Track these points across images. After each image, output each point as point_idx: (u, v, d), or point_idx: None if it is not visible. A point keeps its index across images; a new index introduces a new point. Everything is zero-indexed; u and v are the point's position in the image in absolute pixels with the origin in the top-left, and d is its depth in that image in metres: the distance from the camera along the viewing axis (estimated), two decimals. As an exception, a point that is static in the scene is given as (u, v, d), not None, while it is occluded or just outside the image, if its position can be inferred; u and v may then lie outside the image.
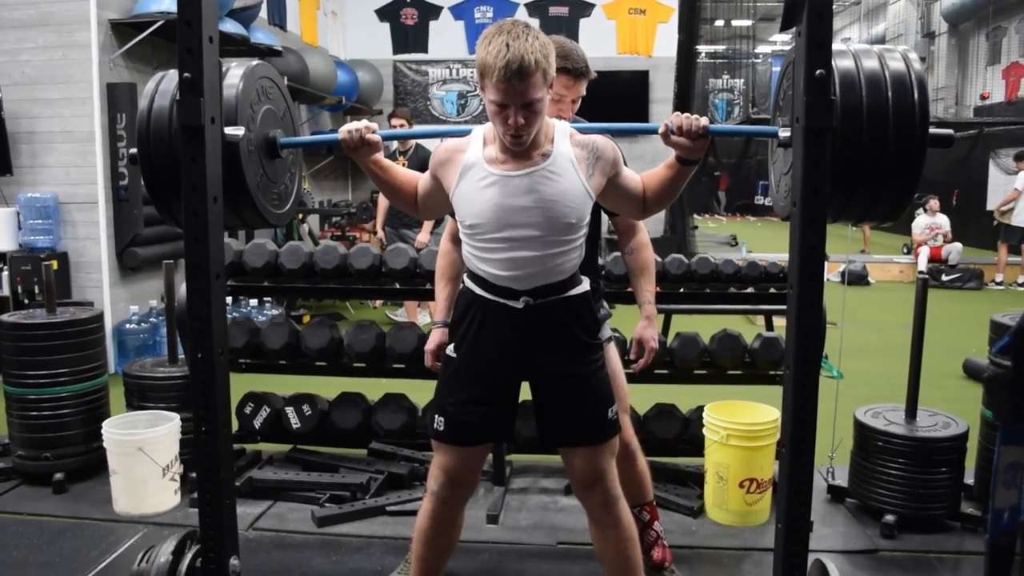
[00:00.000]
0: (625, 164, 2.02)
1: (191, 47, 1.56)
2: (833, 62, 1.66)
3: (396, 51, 10.42)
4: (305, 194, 8.15)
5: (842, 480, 3.19)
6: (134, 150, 1.88)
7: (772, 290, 3.34)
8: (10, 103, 5.03)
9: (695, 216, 12.48)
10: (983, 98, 14.66)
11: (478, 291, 1.99)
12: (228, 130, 1.69)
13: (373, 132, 1.93)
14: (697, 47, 11.11)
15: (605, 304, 2.58)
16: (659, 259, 3.26)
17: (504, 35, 1.78)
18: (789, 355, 1.69)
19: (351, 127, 1.93)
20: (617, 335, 2.96)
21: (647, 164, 2.26)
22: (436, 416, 2.06)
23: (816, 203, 1.56)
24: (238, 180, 1.85)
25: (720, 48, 21.27)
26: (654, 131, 1.85)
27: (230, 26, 5.95)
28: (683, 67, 9.96)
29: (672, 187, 1.94)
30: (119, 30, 5.25)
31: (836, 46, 1.71)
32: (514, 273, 1.93)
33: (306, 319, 6.70)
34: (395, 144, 6.28)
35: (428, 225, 6.06)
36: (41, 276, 4.64)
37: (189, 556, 1.90)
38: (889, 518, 2.90)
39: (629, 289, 2.66)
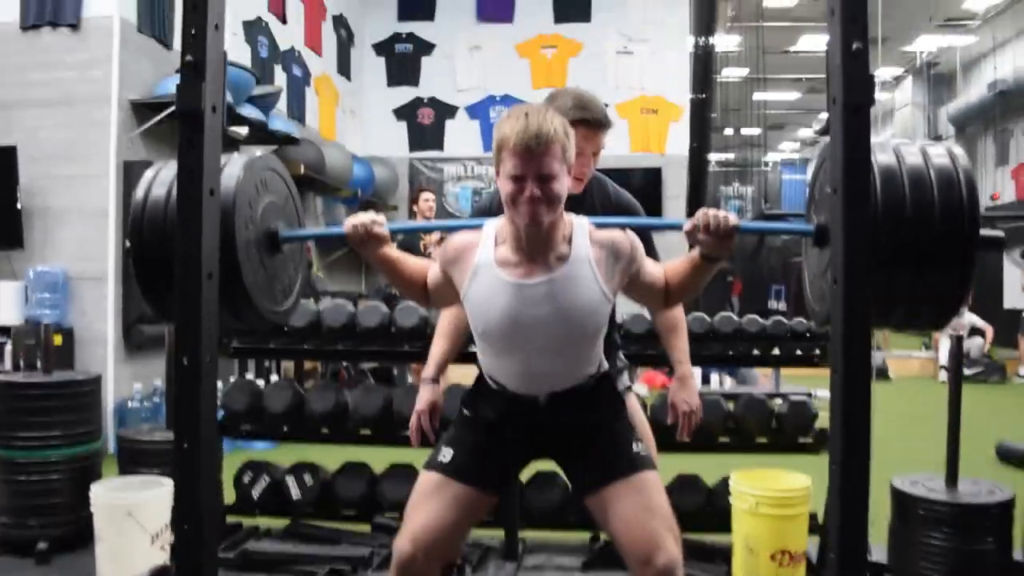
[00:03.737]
0: (652, 247, 1.93)
1: (195, 30, 1.51)
2: (872, 158, 1.59)
3: (412, 148, 10.61)
4: (317, 280, 8.12)
5: (880, 555, 2.96)
6: (128, 242, 1.81)
7: (798, 352, 3.20)
8: (27, 178, 5.05)
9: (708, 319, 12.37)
10: (993, 199, 14.74)
11: (494, 386, 1.88)
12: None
13: (380, 225, 1.82)
14: (708, 155, 11.29)
15: (622, 355, 2.45)
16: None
17: (523, 110, 1.72)
18: (835, 435, 1.55)
19: (357, 220, 1.80)
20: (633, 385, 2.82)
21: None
22: (444, 448, 1.87)
23: (859, 326, 1.46)
24: (236, 285, 1.76)
25: (730, 156, 21.74)
26: (678, 227, 1.74)
27: (249, 110, 6.05)
28: (695, 172, 10.10)
29: (695, 283, 1.82)
30: (139, 110, 5.34)
31: (874, 140, 1.63)
32: (528, 380, 1.82)
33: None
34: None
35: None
36: (41, 340, 4.57)
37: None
38: (933, 594, 2.66)
39: (649, 352, 2.53)
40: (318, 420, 3.24)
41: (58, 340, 4.80)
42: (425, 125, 10.71)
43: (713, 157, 14.33)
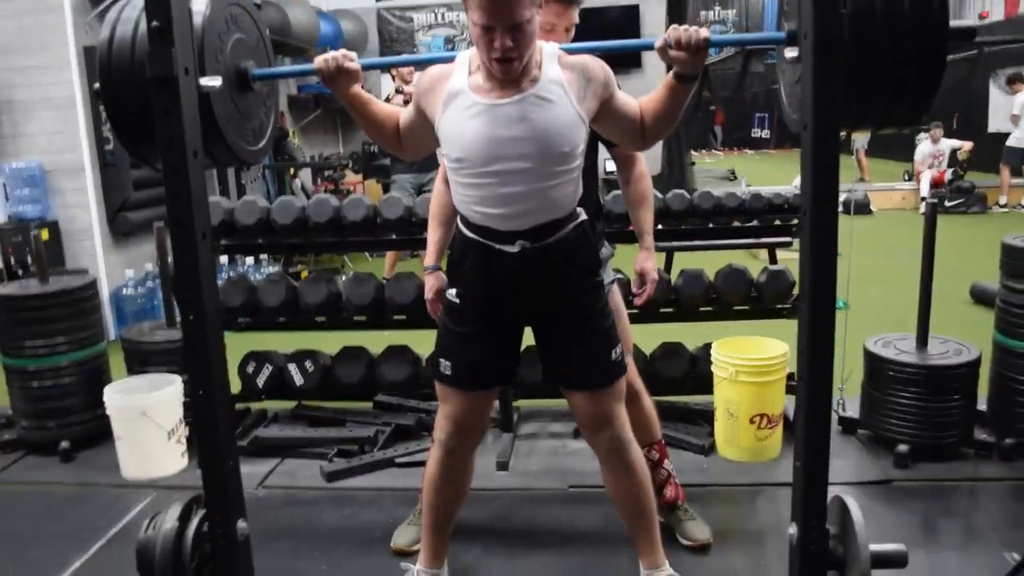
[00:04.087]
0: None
1: (158, -8, 1.46)
2: None
3: (379, -2, 10.17)
4: (294, 148, 8.02)
5: (853, 411, 3.16)
6: (98, 84, 1.73)
7: (777, 222, 3.27)
8: (-14, 71, 4.89)
9: (692, 152, 12.30)
10: (981, 17, 14.35)
11: (471, 236, 1.91)
12: (203, 81, 1.60)
13: (352, 60, 1.80)
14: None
15: (607, 244, 2.51)
16: (660, 195, 3.18)
17: None
18: (804, 282, 1.62)
19: (328, 56, 1.79)
20: (620, 276, 2.90)
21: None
22: (441, 360, 2.01)
23: (827, 121, 1.47)
24: (207, 116, 1.72)
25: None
26: (650, 47, 1.73)
27: (207, -22, 5.77)
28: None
29: (672, 108, 1.81)
30: (92, -10, 5.08)
31: None
32: (505, 211, 1.83)
33: (304, 275, 6.64)
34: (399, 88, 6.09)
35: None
36: (31, 246, 4.59)
37: (196, 521, 1.87)
38: (902, 448, 2.87)
39: (631, 228, 2.59)
40: (312, 310, 3.33)
41: (45, 235, 4.82)
42: (392, -29, 10.21)
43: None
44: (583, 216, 1.95)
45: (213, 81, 1.61)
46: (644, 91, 1.90)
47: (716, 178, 14.04)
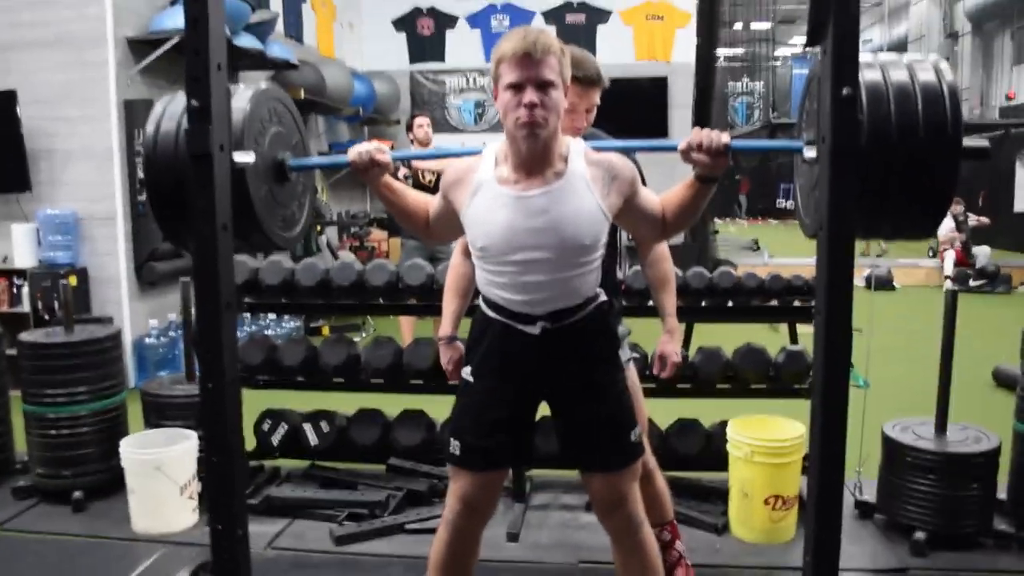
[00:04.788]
0: (644, 182, 1.97)
1: (198, 75, 1.54)
2: (860, 75, 1.61)
3: (413, 61, 10.41)
4: (322, 205, 8.16)
5: (870, 495, 3.12)
6: (142, 174, 1.86)
7: (796, 303, 3.27)
8: (29, 120, 5.05)
9: (716, 220, 12.36)
10: (1009, 98, 14.44)
11: (492, 315, 1.95)
12: (237, 155, 1.67)
13: (383, 153, 1.88)
14: (716, 51, 11.01)
15: (624, 323, 2.54)
16: (679, 272, 3.21)
17: (520, 29, 1.83)
18: (817, 379, 1.63)
19: (361, 148, 1.88)
20: (636, 355, 2.91)
21: (666, 174, 2.21)
22: (452, 440, 2.02)
23: (844, 227, 1.50)
24: (244, 202, 1.81)
25: (739, 51, 21.20)
26: (673, 148, 1.79)
27: (246, 40, 5.97)
28: (702, 71, 9.86)
29: (693, 207, 1.87)
30: (135, 47, 5.27)
31: (863, 57, 1.65)
32: (527, 297, 1.88)
33: (325, 331, 6.69)
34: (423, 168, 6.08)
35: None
36: (60, 292, 4.68)
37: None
38: (919, 535, 2.82)
39: (650, 303, 2.62)
40: (331, 372, 3.36)
41: (73, 281, 4.91)
42: (425, 36, 10.48)
43: (721, 52, 13.97)
44: (603, 297, 1.98)
45: (246, 157, 1.67)
46: (671, 160, 1.93)
47: (739, 248, 14.05)
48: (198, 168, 1.58)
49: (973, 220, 10.35)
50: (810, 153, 1.63)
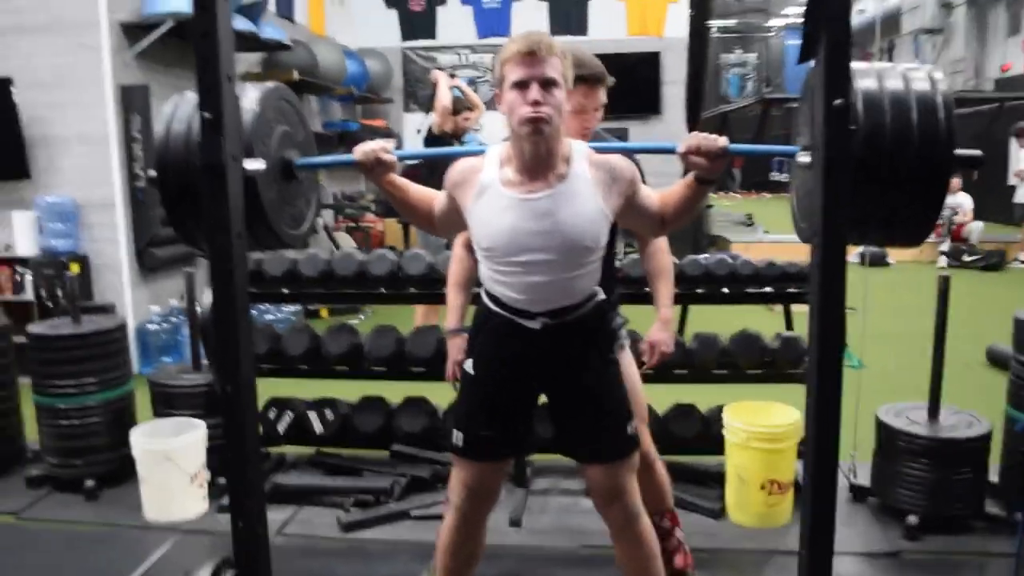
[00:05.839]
0: (643, 180, 2.02)
1: (210, 86, 1.57)
2: (855, 83, 1.65)
3: (404, 38, 10.37)
4: (318, 186, 8.16)
5: (864, 479, 3.19)
6: (153, 172, 1.88)
7: (791, 289, 3.33)
8: (25, 107, 5.03)
9: (710, 194, 12.34)
10: (1003, 70, 14.44)
11: (494, 308, 2.01)
12: (248, 163, 1.71)
13: (388, 152, 1.92)
14: (708, 22, 10.95)
15: (621, 313, 2.60)
16: (677, 261, 3.26)
17: (525, 32, 1.87)
18: (810, 384, 1.69)
19: (366, 147, 1.91)
20: (636, 335, 2.97)
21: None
22: (455, 431, 2.08)
23: (837, 235, 1.56)
24: (255, 206, 1.84)
25: (732, 22, 21.07)
26: (671, 151, 1.84)
27: (239, 23, 5.93)
28: (695, 42, 9.81)
29: (691, 206, 1.93)
30: (130, 31, 5.25)
31: (858, 65, 1.69)
32: (529, 297, 1.93)
33: (324, 313, 6.73)
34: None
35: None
36: (63, 280, 4.71)
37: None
38: (912, 519, 2.90)
39: (647, 290, 2.68)
40: (334, 360, 3.41)
41: (75, 268, 4.93)
42: (416, 12, 10.44)
43: (714, 24, 13.91)
44: (601, 295, 2.04)
45: (257, 164, 1.71)
46: (664, 137, 2.00)
47: (733, 222, 14.07)
48: (211, 179, 1.62)
49: (966, 201, 10.37)
50: (804, 158, 1.68)
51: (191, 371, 3.52)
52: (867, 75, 1.72)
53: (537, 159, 1.87)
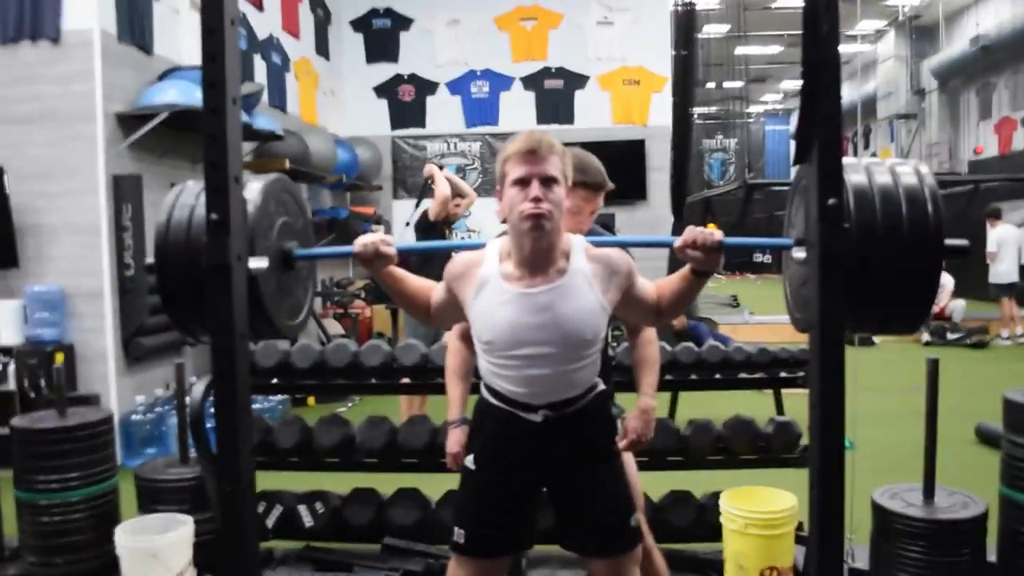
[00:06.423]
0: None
1: (218, 188, 1.60)
2: (845, 177, 1.70)
3: (394, 127, 10.58)
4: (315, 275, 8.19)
5: (862, 562, 3.14)
6: (150, 259, 1.87)
7: (783, 374, 3.35)
8: (16, 195, 5.06)
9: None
10: (976, 153, 14.88)
11: (495, 402, 2.00)
12: (252, 262, 1.72)
13: (388, 245, 1.94)
14: (692, 109, 11.28)
15: (617, 403, 2.59)
16: (669, 348, 3.28)
17: (526, 131, 1.92)
18: (813, 464, 1.68)
19: (366, 240, 1.93)
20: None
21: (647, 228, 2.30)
22: (456, 528, 2.05)
23: (836, 327, 1.58)
24: (255, 301, 1.85)
25: (712, 109, 21.71)
26: (668, 245, 1.87)
27: (234, 114, 6.05)
28: (678, 128, 10.09)
29: (687, 297, 1.96)
30: (124, 122, 5.34)
31: (847, 160, 1.73)
32: (530, 389, 1.94)
33: (310, 402, 6.66)
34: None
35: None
36: (48, 370, 4.66)
37: None
38: (914, 604, 2.85)
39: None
40: (325, 452, 3.37)
41: (60, 358, 4.89)
42: (406, 102, 10.67)
43: (695, 111, 14.34)
44: (601, 386, 2.04)
45: (260, 263, 1.73)
46: (650, 222, 2.03)
47: (719, 304, 14.22)
48: (216, 280, 1.63)
49: (947, 281, 10.54)
50: (799, 254, 1.71)
51: (178, 464, 3.46)
52: (856, 170, 1.77)
53: (538, 254, 1.89)
